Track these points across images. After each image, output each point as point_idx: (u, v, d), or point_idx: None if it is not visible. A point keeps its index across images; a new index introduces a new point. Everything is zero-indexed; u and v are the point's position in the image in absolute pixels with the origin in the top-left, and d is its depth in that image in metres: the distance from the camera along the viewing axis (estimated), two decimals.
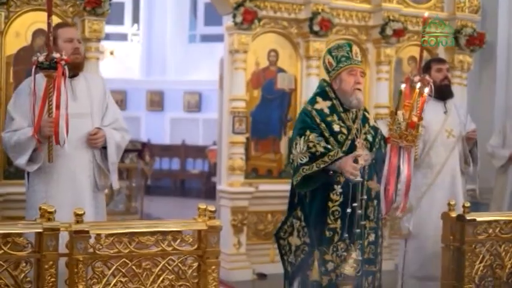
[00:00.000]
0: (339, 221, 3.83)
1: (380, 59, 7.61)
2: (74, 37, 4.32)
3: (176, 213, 11.98)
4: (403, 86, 3.59)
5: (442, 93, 5.47)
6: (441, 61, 5.66)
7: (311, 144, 3.79)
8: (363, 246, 3.90)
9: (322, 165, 3.73)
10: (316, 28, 7.10)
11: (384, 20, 7.47)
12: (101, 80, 4.56)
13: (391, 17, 7.49)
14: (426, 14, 4.86)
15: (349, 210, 3.76)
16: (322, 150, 3.76)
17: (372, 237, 3.94)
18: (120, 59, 15.39)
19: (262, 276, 6.91)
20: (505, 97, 8.07)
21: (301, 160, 3.81)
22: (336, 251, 3.85)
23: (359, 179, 3.71)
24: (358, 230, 3.80)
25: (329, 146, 3.80)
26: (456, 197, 5.10)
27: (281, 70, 7.34)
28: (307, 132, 3.86)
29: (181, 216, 3.81)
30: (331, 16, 7.19)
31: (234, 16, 6.78)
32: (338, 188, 3.80)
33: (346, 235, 3.79)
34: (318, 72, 7.25)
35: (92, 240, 3.02)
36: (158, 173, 14.61)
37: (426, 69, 5.50)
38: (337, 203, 3.82)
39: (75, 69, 4.31)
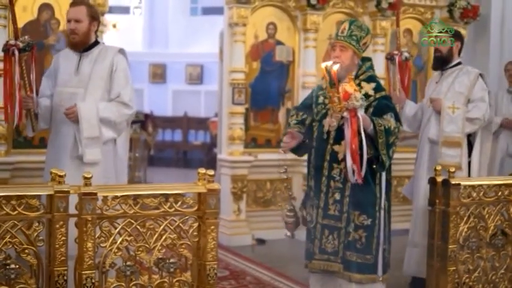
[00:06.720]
0: (312, 180, 4.30)
1: (376, 32, 7.73)
2: (71, 18, 4.48)
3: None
4: (323, 64, 3.77)
5: (435, 64, 5.64)
6: None
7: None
8: (327, 202, 4.19)
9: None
10: (313, 1, 7.23)
11: None
12: (113, 54, 4.59)
13: None
14: None
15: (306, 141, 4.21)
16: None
17: (337, 196, 4.17)
18: (122, 32, 15.48)
19: (261, 241, 7.16)
20: (499, 69, 8.19)
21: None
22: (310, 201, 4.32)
23: None
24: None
25: (291, 121, 4.41)
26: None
27: (279, 43, 7.50)
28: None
29: None
30: None
31: None
32: (313, 152, 4.25)
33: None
34: (315, 45, 7.42)
35: (99, 202, 3.24)
36: (161, 144, 14.78)
37: None
38: (311, 165, 4.29)
39: (75, 48, 4.54)
